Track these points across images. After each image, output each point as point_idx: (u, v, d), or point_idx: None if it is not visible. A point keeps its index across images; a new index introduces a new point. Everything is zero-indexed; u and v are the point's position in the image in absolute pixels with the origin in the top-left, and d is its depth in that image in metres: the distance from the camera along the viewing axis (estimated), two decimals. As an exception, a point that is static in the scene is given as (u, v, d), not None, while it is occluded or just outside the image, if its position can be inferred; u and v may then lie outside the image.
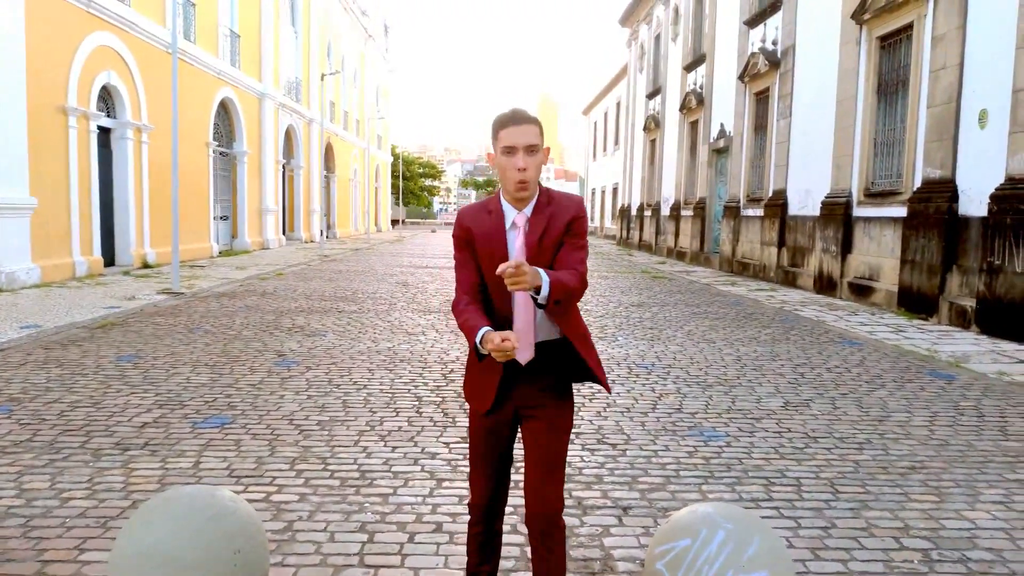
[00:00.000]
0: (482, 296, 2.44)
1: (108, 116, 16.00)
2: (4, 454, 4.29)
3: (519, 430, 2.51)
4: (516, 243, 2.38)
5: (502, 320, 2.40)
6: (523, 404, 2.43)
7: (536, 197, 2.41)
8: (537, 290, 2.17)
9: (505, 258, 2.36)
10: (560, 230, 2.38)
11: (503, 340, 2.12)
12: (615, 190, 41.79)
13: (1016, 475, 4.28)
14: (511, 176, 2.32)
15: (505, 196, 2.42)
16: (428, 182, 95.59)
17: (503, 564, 2.94)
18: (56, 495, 3.70)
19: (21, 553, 3.08)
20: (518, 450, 2.75)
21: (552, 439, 2.41)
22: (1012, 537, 3.43)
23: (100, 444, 4.50)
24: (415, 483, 3.98)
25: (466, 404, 5.67)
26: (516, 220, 2.39)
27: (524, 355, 2.36)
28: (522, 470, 2.56)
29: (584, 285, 2.35)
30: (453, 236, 2.49)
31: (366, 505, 3.66)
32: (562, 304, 2.28)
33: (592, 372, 2.44)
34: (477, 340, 2.25)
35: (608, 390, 2.59)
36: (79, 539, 3.22)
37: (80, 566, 2.99)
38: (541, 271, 2.20)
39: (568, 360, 2.45)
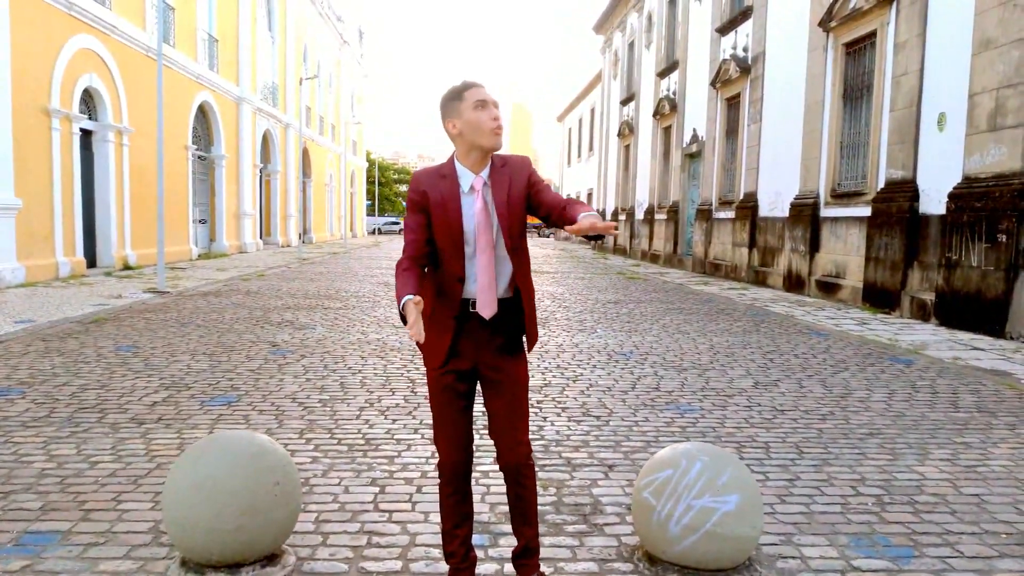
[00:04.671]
0: (427, 260, 2.50)
1: (89, 119, 16.12)
2: (26, 427, 4.56)
3: (479, 388, 2.61)
4: (475, 206, 2.45)
5: (454, 280, 2.47)
6: (482, 362, 2.52)
7: (490, 162, 2.51)
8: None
9: (460, 223, 2.44)
10: (523, 185, 2.50)
11: (412, 335, 2.22)
12: (590, 195, 42.32)
13: (963, 439, 4.70)
14: (488, 127, 2.41)
15: (462, 159, 2.48)
16: (403, 188, 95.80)
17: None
18: (84, 459, 3.99)
19: (64, 505, 3.37)
20: (478, 407, 2.98)
21: (514, 394, 2.55)
22: (955, 485, 3.84)
23: (116, 419, 4.78)
24: (417, 448, 4.31)
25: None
26: (475, 184, 2.46)
27: (487, 311, 2.45)
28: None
29: None
30: (408, 200, 2.50)
31: (374, 465, 3.99)
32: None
33: (528, 326, 2.58)
34: (401, 305, 2.29)
35: (533, 340, 2.62)
36: (114, 493, 3.51)
37: (120, 514, 3.28)
38: (593, 214, 2.32)
39: (517, 316, 2.56)
